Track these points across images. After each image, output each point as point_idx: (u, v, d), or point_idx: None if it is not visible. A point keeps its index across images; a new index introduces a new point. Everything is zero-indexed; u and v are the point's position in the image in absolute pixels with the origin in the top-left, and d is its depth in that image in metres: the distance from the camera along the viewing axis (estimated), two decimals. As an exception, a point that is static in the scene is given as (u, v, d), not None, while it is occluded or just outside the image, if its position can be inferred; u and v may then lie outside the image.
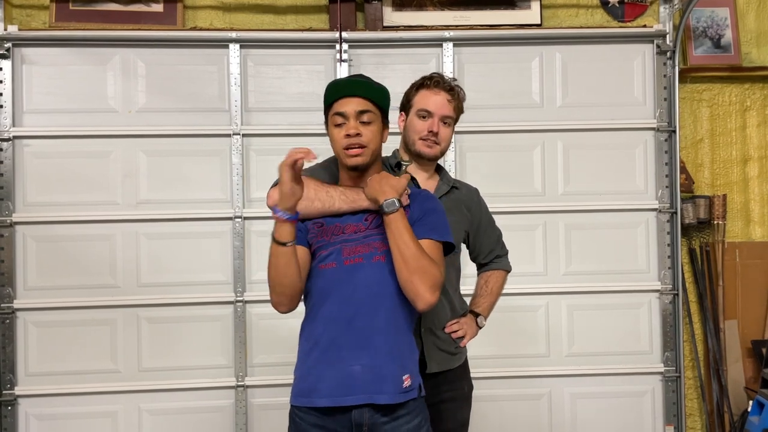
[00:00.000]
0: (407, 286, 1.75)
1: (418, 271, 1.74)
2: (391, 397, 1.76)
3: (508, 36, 3.42)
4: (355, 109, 1.84)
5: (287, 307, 1.82)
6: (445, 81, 2.16)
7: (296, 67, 3.38)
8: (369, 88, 1.88)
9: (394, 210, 1.76)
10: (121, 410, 3.29)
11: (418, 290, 1.74)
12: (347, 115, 1.84)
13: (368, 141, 1.84)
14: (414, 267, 1.74)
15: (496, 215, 2.34)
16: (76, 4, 3.34)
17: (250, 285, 3.33)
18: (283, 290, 1.78)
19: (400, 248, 1.75)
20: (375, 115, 1.86)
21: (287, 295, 1.79)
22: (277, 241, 1.74)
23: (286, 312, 1.84)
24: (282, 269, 1.76)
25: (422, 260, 1.75)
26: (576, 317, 3.44)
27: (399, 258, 1.75)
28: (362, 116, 1.84)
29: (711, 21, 3.56)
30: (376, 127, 1.86)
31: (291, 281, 1.77)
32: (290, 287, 1.78)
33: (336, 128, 1.86)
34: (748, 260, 3.56)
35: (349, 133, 1.83)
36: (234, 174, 3.32)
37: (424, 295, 1.75)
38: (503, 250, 2.35)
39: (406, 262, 1.74)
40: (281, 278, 1.77)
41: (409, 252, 1.74)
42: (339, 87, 1.89)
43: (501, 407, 3.37)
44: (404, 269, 1.74)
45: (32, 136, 3.29)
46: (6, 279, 3.25)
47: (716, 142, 3.62)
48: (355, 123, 1.83)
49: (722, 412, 3.49)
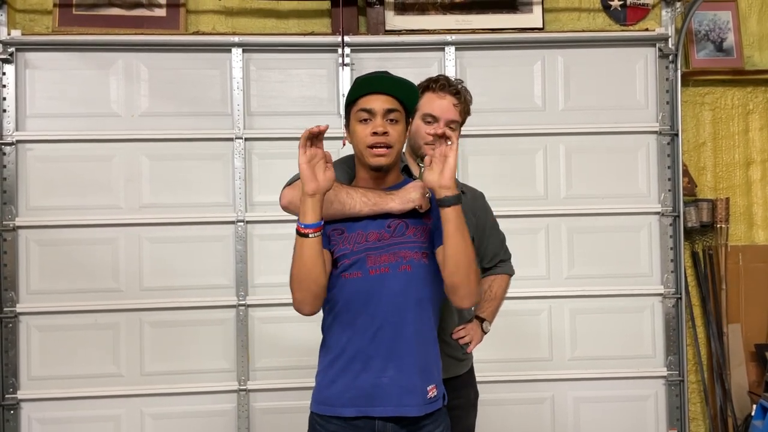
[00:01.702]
0: (463, 282, 1.70)
1: (473, 267, 1.72)
2: (417, 409, 1.75)
3: (510, 40, 3.42)
4: (383, 106, 1.77)
5: (311, 306, 1.73)
6: (451, 84, 2.11)
7: (298, 71, 3.39)
8: (399, 86, 1.80)
9: (457, 202, 1.69)
10: (124, 414, 3.29)
11: (472, 287, 1.72)
12: (375, 112, 1.77)
13: (394, 141, 1.78)
14: (471, 262, 1.71)
15: (498, 219, 2.33)
16: (79, 9, 3.35)
17: (253, 289, 3.33)
18: (309, 286, 1.69)
19: (465, 241, 1.69)
20: (401, 114, 1.80)
21: (312, 292, 1.70)
22: (300, 233, 1.67)
23: (309, 314, 1.75)
24: (307, 263, 1.67)
25: (474, 258, 1.74)
26: (579, 321, 3.43)
27: (461, 252, 1.68)
28: (390, 115, 1.77)
29: (713, 24, 3.56)
30: (401, 127, 1.80)
31: (316, 277, 1.69)
32: (315, 284, 1.69)
33: (360, 124, 1.78)
34: (751, 263, 3.55)
35: (376, 131, 1.75)
36: (236, 178, 3.33)
37: (477, 291, 1.76)
38: (506, 254, 2.34)
39: (468, 257, 1.70)
40: (306, 273, 1.68)
41: (470, 249, 1.71)
42: (368, 82, 1.81)
43: (504, 411, 3.36)
44: (464, 264, 1.69)
45: (35, 140, 3.30)
46: (9, 283, 3.25)
47: (719, 145, 3.61)
48: (383, 121, 1.76)
49: (726, 416, 3.48)
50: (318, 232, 1.68)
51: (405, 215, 1.80)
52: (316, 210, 1.67)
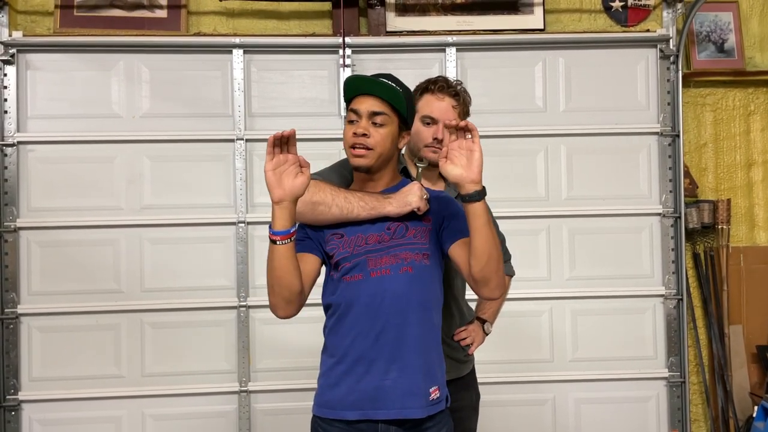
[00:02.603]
0: (495, 274, 1.70)
1: (501, 258, 1.72)
2: (420, 411, 1.75)
3: (511, 41, 3.42)
4: (369, 108, 1.78)
5: (284, 311, 1.75)
6: (450, 85, 2.11)
7: (299, 72, 3.39)
8: (387, 89, 1.79)
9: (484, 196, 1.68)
10: (125, 415, 3.29)
11: (501, 278, 1.73)
12: (360, 114, 1.78)
13: (375, 144, 1.77)
14: (500, 254, 1.71)
15: (499, 220, 2.32)
16: (80, 11, 3.35)
17: (254, 290, 3.33)
18: (281, 291, 1.71)
19: (494, 234, 1.68)
20: (389, 118, 1.79)
21: (284, 298, 1.72)
22: (270, 239, 1.67)
23: (283, 317, 1.77)
24: (277, 269, 1.68)
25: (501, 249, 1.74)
26: (580, 322, 3.43)
27: (492, 245, 1.67)
28: (375, 117, 1.78)
29: (714, 25, 3.56)
30: (387, 130, 1.79)
31: (288, 283, 1.70)
32: (287, 289, 1.70)
33: (348, 125, 1.80)
34: (752, 265, 3.55)
35: (356, 131, 1.77)
36: (237, 179, 3.33)
37: (504, 281, 1.78)
38: (506, 255, 2.34)
39: (498, 249, 1.70)
40: (277, 279, 1.69)
41: (497, 241, 1.71)
42: (357, 83, 1.82)
43: (505, 413, 3.36)
44: (495, 256, 1.68)
45: (36, 142, 3.30)
46: (10, 284, 3.25)
47: (720, 146, 3.61)
48: (366, 123, 1.77)
49: (727, 417, 3.48)
50: (287, 239, 1.67)
51: (404, 217, 1.80)
52: (284, 217, 1.65)
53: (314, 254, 1.80)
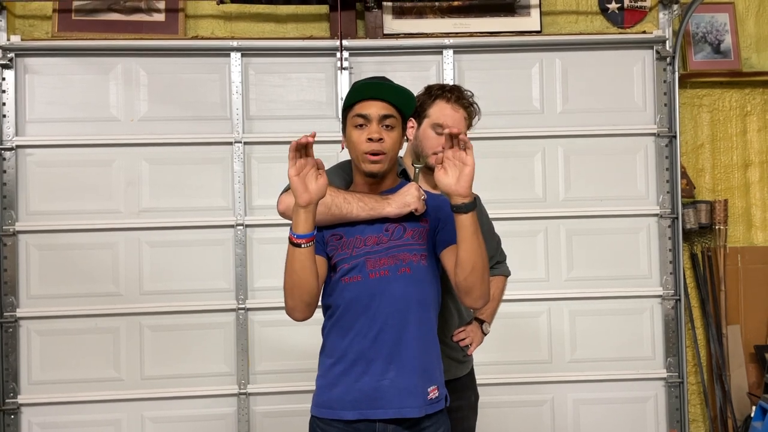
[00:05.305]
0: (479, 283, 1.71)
1: (487, 268, 1.73)
2: (418, 410, 1.76)
3: (508, 43, 3.43)
4: (379, 112, 1.78)
5: (302, 314, 1.75)
6: (464, 97, 2.10)
7: (297, 75, 3.40)
8: (396, 93, 1.81)
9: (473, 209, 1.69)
10: (124, 418, 3.30)
11: (486, 288, 1.74)
12: (370, 118, 1.78)
13: (389, 148, 1.78)
14: (486, 264, 1.72)
15: (497, 221, 2.34)
16: (78, 15, 3.36)
17: (252, 292, 3.34)
18: (300, 295, 1.71)
19: (480, 244, 1.69)
20: (397, 120, 1.81)
21: (303, 301, 1.72)
22: (293, 243, 1.67)
23: (300, 319, 1.76)
24: (298, 273, 1.68)
25: (487, 259, 1.75)
26: (578, 323, 3.44)
27: (478, 255, 1.69)
28: (385, 121, 1.78)
29: (710, 26, 3.57)
30: (396, 133, 1.81)
31: (308, 286, 1.70)
32: (307, 293, 1.71)
33: (356, 129, 1.79)
34: (750, 265, 3.55)
35: (371, 137, 1.76)
36: (236, 182, 3.34)
37: (489, 291, 1.78)
38: (502, 255, 2.35)
39: (483, 259, 1.70)
40: (298, 282, 1.69)
41: (484, 251, 1.71)
42: (365, 88, 1.81)
43: (504, 413, 3.36)
44: (480, 266, 1.69)
45: (35, 146, 3.31)
46: (9, 288, 3.26)
47: (717, 147, 3.62)
48: (378, 127, 1.77)
49: (725, 417, 3.48)
50: (310, 242, 1.68)
51: (402, 218, 1.81)
52: (309, 220, 1.67)
53: (323, 256, 1.80)
